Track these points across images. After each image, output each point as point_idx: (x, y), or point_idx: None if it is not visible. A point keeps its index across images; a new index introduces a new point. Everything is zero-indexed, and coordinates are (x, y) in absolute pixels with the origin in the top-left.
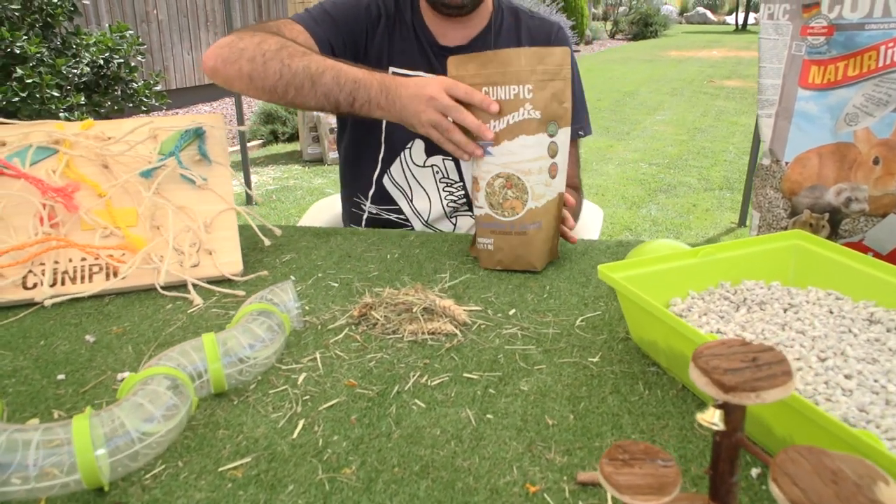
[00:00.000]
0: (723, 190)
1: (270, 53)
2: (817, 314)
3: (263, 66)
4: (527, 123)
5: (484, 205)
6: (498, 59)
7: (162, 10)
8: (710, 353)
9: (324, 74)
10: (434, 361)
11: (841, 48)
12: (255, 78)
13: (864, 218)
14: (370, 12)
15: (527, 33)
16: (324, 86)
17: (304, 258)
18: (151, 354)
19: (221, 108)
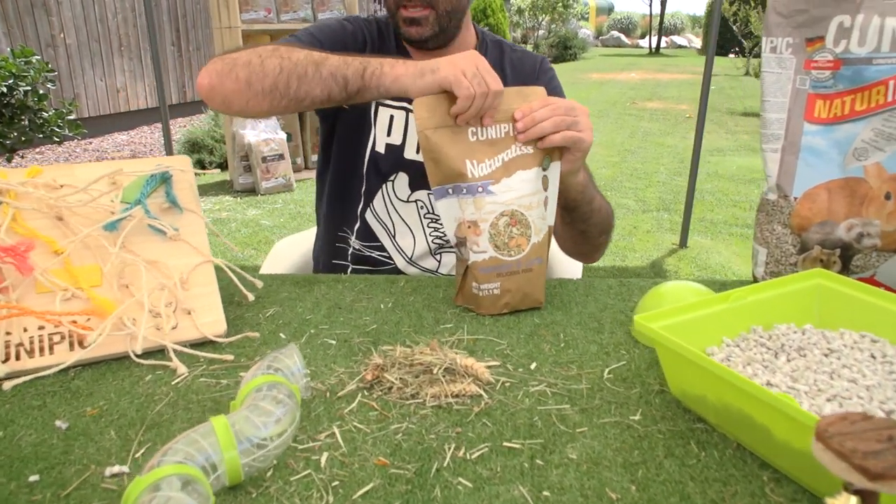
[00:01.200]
0: (660, 211)
1: (267, 53)
2: (860, 360)
3: (261, 66)
4: (521, 159)
5: (487, 248)
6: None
7: (70, 35)
8: (837, 432)
9: (328, 58)
10: (466, 429)
11: (848, 82)
12: (254, 81)
13: (877, 253)
14: (356, 38)
15: (511, 65)
16: (330, 66)
17: (289, 311)
18: (141, 441)
19: (139, 137)
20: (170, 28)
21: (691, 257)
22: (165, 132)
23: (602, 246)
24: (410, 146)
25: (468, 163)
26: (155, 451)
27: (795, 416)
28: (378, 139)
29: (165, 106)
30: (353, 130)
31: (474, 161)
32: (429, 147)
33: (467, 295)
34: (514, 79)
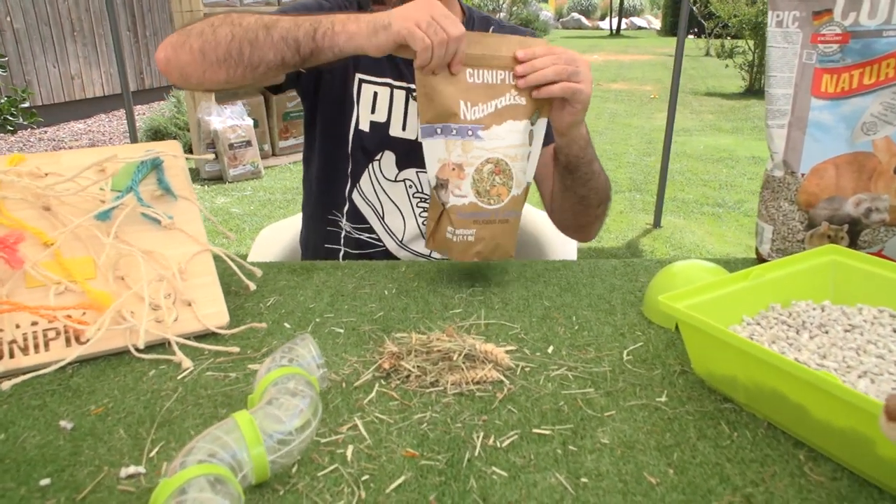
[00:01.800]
0: (632, 192)
1: (219, 21)
2: (884, 335)
3: (213, 35)
4: (513, 109)
5: (468, 193)
6: (485, 42)
7: (17, 18)
8: None
9: (279, 20)
10: (493, 417)
11: (857, 56)
12: (207, 50)
13: (885, 228)
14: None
15: None
16: (280, 29)
17: (290, 300)
18: (154, 440)
19: (97, 126)
20: (125, 12)
21: (665, 237)
22: (129, 120)
23: (600, 218)
24: (396, 123)
25: (462, 103)
26: (169, 450)
27: (842, 396)
28: (362, 117)
29: (128, 93)
30: (336, 109)
31: (468, 103)
32: (424, 82)
33: (439, 240)
34: None
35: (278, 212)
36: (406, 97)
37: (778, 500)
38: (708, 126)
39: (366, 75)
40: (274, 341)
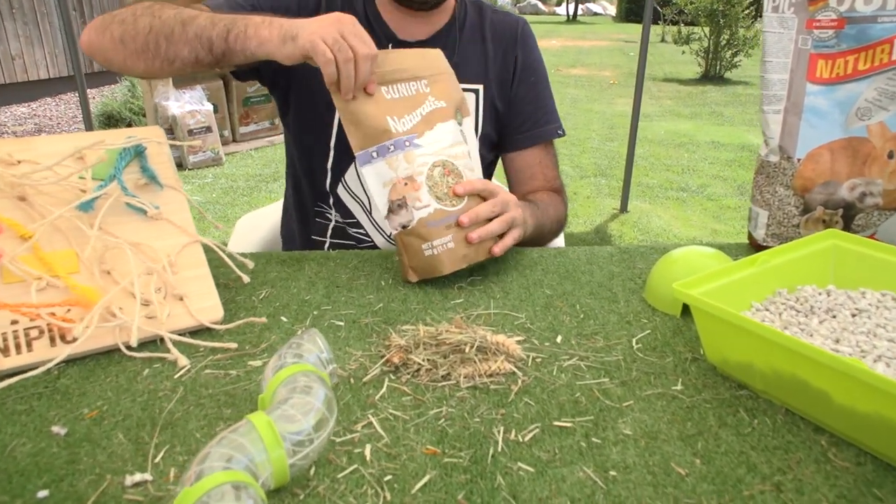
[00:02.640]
0: (597, 177)
1: (142, 10)
2: (890, 318)
3: (134, 24)
4: (438, 112)
5: (430, 201)
6: (389, 60)
7: None
8: None
9: (197, 17)
10: (510, 410)
11: (852, 41)
12: (127, 39)
13: (878, 212)
14: (299, 9)
15: (491, 28)
16: (196, 27)
17: (284, 293)
18: (157, 444)
19: (42, 110)
20: None
21: (633, 221)
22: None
23: (556, 235)
24: None
25: (389, 119)
26: (175, 454)
27: (870, 381)
28: None
29: (82, 75)
30: (311, 100)
31: (395, 117)
32: (346, 110)
33: (419, 264)
34: (493, 43)
35: (241, 199)
36: None
37: (807, 488)
38: (667, 111)
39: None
40: (273, 336)
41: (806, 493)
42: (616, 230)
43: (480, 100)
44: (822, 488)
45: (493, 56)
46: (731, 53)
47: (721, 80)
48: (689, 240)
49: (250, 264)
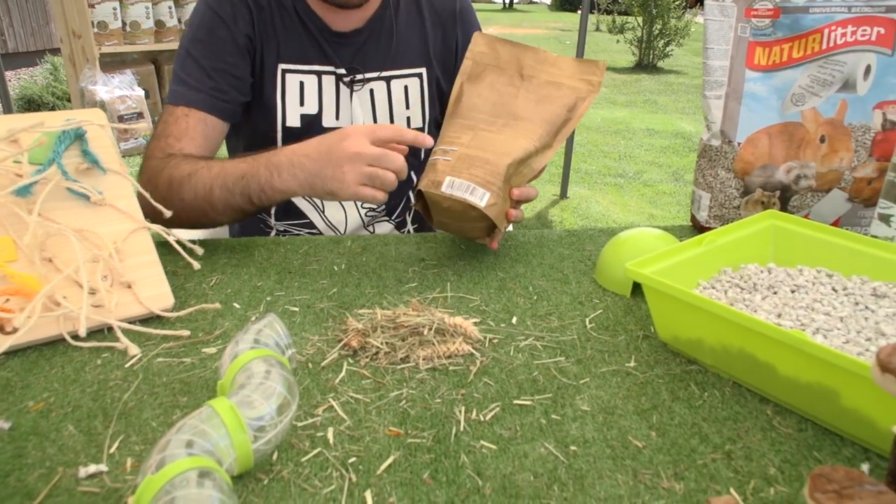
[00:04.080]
0: None
1: (167, 195)
2: (825, 293)
3: (169, 209)
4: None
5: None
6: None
7: None
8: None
9: (212, 190)
10: (470, 390)
11: (786, 30)
12: (183, 217)
13: (811, 194)
14: (237, 23)
15: (428, 6)
16: (218, 200)
17: (235, 279)
18: (113, 435)
19: None
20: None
21: (573, 207)
22: (2, 87)
23: None
24: (328, 113)
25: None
26: (130, 444)
27: (814, 352)
28: (289, 112)
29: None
30: (256, 105)
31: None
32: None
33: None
34: (432, 23)
35: None
36: (336, 83)
37: (755, 454)
38: (603, 99)
39: (290, 64)
40: (226, 323)
41: (754, 459)
42: (557, 216)
43: (424, 84)
44: (769, 454)
45: (433, 36)
46: (664, 43)
47: (654, 69)
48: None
49: (199, 250)
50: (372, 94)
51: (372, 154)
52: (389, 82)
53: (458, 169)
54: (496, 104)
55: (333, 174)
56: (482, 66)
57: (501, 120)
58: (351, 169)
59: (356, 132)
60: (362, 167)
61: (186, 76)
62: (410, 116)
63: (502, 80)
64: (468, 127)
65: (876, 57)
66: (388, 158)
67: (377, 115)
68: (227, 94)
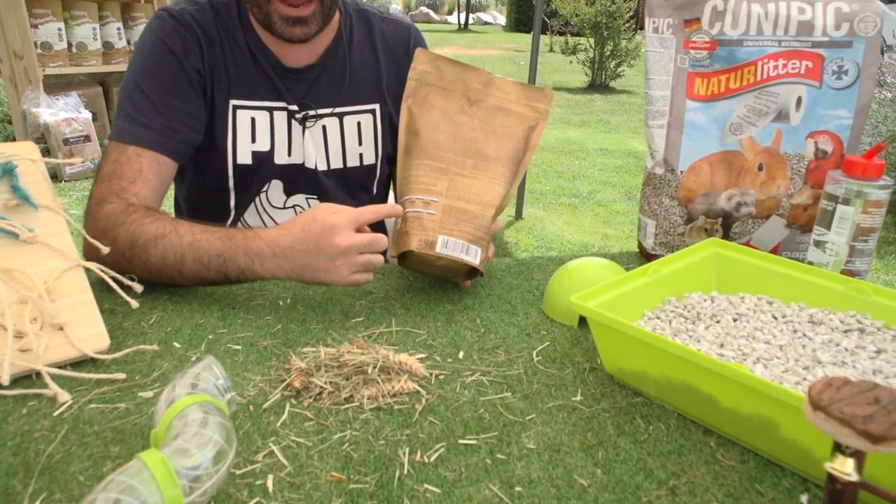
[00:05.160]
0: None
1: (128, 254)
2: (766, 321)
3: (130, 266)
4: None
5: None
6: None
7: None
8: (831, 400)
9: (184, 260)
10: (415, 430)
11: (723, 62)
12: (131, 272)
13: (752, 220)
14: (188, 56)
15: (382, 41)
16: (190, 271)
17: (177, 316)
18: (34, 492)
19: None
20: None
21: (528, 228)
22: None
23: None
24: (280, 149)
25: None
26: (53, 503)
27: (752, 385)
28: (240, 149)
29: None
30: (204, 143)
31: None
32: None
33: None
34: (385, 56)
35: None
36: (288, 119)
37: (699, 489)
38: (557, 120)
39: (241, 100)
40: (165, 364)
41: (698, 494)
42: (512, 237)
43: (378, 119)
44: (713, 488)
45: (387, 72)
46: (616, 64)
47: (607, 89)
48: (582, 245)
49: (139, 288)
50: (325, 130)
51: (362, 243)
52: (342, 118)
53: (448, 225)
54: (458, 139)
55: (326, 267)
56: (426, 86)
57: (470, 161)
58: (344, 262)
59: (342, 224)
60: (355, 258)
61: (136, 112)
62: (363, 153)
63: (452, 107)
64: (440, 171)
65: (806, 89)
66: (377, 243)
67: (329, 151)
68: (180, 133)
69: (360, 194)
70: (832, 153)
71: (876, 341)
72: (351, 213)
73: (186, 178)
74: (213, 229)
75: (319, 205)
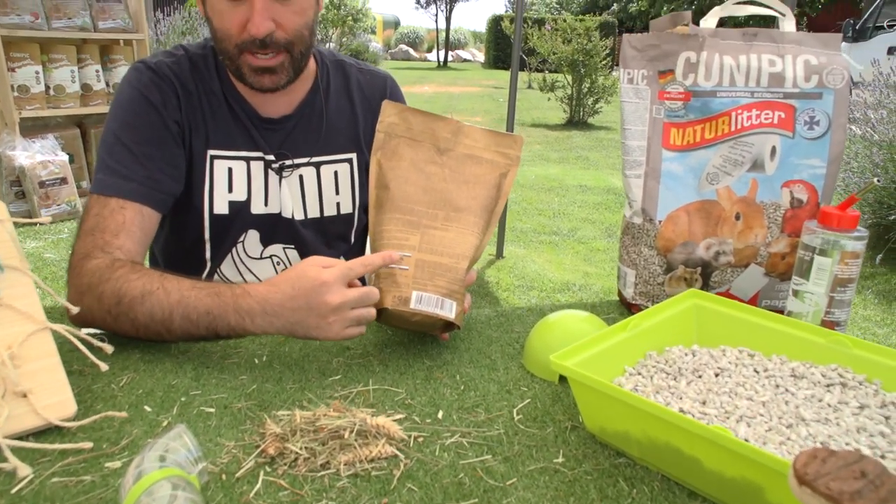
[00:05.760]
0: None
1: (114, 311)
2: (748, 376)
3: (115, 323)
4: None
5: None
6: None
7: None
8: (817, 474)
9: (172, 318)
10: (393, 499)
11: (698, 113)
12: (119, 331)
13: (731, 269)
14: (167, 107)
15: (358, 89)
16: (179, 329)
17: (148, 377)
18: None
19: None
20: None
21: (509, 267)
22: None
23: None
24: (257, 199)
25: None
26: None
27: (736, 450)
28: (217, 199)
29: None
30: (181, 196)
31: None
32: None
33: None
34: (362, 106)
35: None
36: (265, 169)
37: None
38: (536, 156)
39: (218, 150)
40: (135, 430)
41: None
42: (493, 276)
43: (354, 168)
44: None
45: (364, 121)
46: (593, 101)
47: (585, 126)
48: (563, 283)
49: (109, 349)
50: (301, 180)
51: (353, 299)
52: (319, 167)
53: (421, 281)
54: (428, 190)
55: (318, 324)
56: (395, 137)
57: (442, 212)
58: (336, 319)
59: (333, 280)
60: (347, 314)
61: (116, 164)
62: (340, 202)
63: (422, 157)
64: (411, 224)
65: (780, 139)
66: (368, 297)
67: (306, 200)
68: (162, 184)
69: (337, 243)
70: (807, 202)
71: (858, 396)
72: (341, 269)
73: (163, 230)
74: (200, 285)
75: (309, 259)
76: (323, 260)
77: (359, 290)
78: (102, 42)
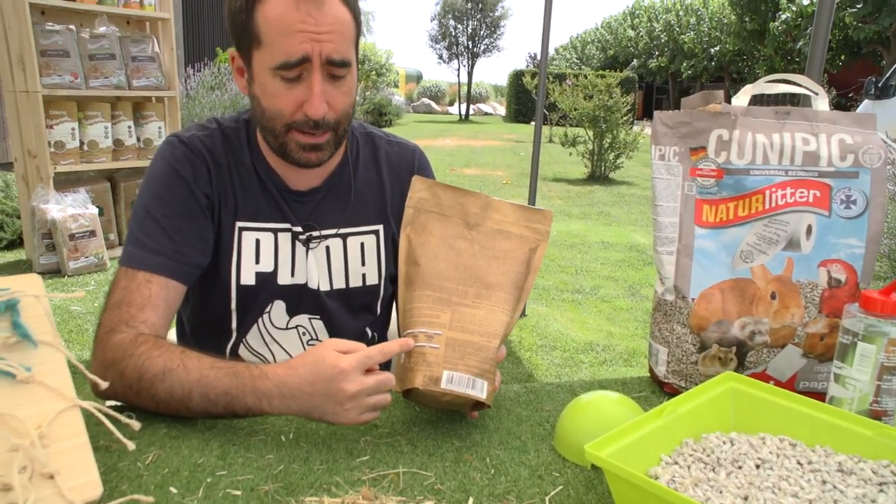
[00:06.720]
0: None
1: (136, 387)
2: (790, 469)
3: (137, 398)
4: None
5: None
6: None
7: None
8: None
9: (191, 396)
10: None
11: (731, 190)
12: (141, 405)
13: (767, 349)
14: (199, 183)
15: (386, 161)
16: (198, 407)
17: (174, 455)
18: None
19: None
20: None
21: (532, 326)
22: None
23: None
24: (284, 270)
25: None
26: None
27: None
28: (244, 270)
29: None
30: (209, 267)
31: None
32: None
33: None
34: (390, 178)
35: None
36: (292, 240)
37: None
38: (558, 211)
39: (246, 222)
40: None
41: None
42: (516, 335)
43: (381, 240)
44: None
45: (391, 192)
46: (615, 155)
47: (606, 181)
48: (587, 343)
49: (136, 425)
50: (328, 251)
51: (370, 386)
52: (346, 239)
53: (452, 360)
54: (459, 267)
55: (335, 410)
56: (425, 213)
57: (472, 289)
58: (353, 406)
59: (350, 369)
60: (363, 401)
61: (145, 237)
62: (366, 273)
63: (451, 232)
64: (442, 301)
65: (816, 217)
66: (385, 384)
67: (332, 271)
68: (188, 257)
69: (363, 314)
70: (846, 282)
71: None
72: (359, 357)
73: (190, 300)
74: (220, 364)
75: (328, 342)
76: (342, 344)
77: (376, 378)
78: (136, 99)
